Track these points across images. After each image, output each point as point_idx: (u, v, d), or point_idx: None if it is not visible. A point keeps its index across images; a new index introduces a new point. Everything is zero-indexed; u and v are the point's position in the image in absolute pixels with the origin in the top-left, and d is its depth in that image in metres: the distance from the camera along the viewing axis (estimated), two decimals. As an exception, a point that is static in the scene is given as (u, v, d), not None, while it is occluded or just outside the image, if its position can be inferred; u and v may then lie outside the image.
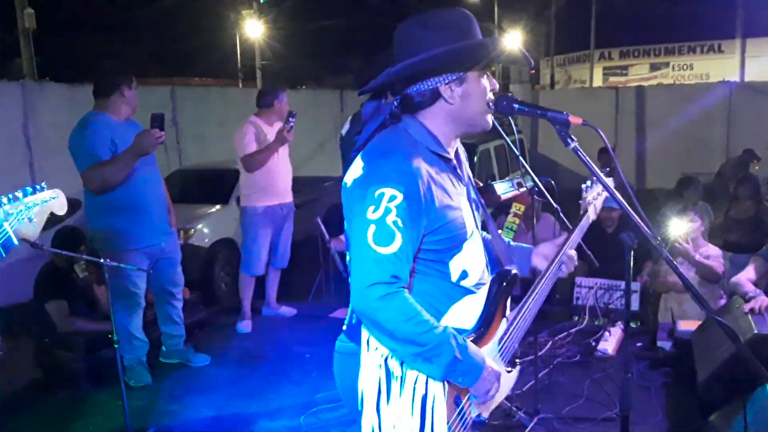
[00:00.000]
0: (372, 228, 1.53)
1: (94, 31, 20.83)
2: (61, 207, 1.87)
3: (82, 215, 3.96)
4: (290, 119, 4.78)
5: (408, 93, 1.66)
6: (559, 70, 26.69)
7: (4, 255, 1.70)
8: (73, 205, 3.24)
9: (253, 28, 17.81)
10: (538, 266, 1.92)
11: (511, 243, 2.01)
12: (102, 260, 3.27)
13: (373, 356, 1.66)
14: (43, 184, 1.85)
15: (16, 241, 1.74)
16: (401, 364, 1.63)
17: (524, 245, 2.00)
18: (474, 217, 1.77)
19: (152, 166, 3.98)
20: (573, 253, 1.95)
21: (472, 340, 1.65)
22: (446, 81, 1.63)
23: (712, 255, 4.61)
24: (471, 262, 1.72)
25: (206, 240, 6.42)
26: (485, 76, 1.68)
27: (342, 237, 4.97)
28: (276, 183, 4.97)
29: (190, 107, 10.28)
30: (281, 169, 4.99)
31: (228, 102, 10.95)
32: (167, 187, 4.26)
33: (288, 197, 5.12)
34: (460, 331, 1.64)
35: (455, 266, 1.69)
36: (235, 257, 6.27)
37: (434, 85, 1.64)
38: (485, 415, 1.74)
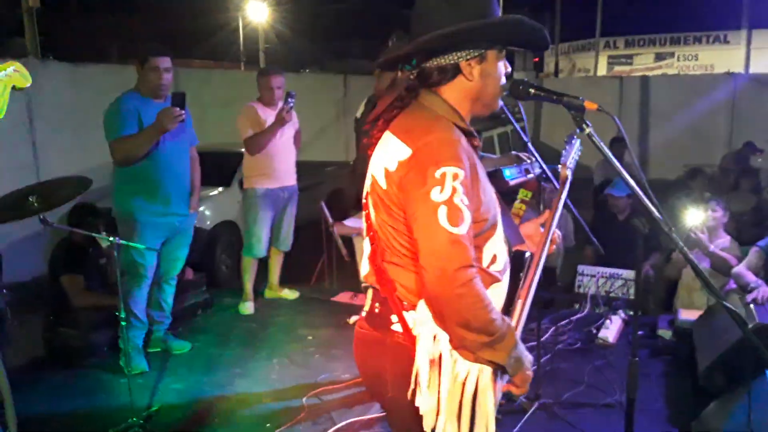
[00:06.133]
0: (443, 209, 1.46)
1: (98, 11, 20.69)
2: (23, 79, 1.78)
3: (92, 192, 3.95)
4: (289, 99, 4.74)
5: (427, 66, 1.63)
6: (564, 58, 26.50)
7: None
8: (82, 183, 3.24)
9: (257, 11, 17.69)
10: (524, 248, 1.91)
11: None
12: (112, 238, 3.29)
13: (423, 344, 1.59)
14: None
15: None
16: (450, 354, 1.58)
17: None
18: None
19: (179, 146, 3.99)
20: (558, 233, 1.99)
21: None
22: (467, 57, 1.60)
23: (728, 247, 4.60)
24: (499, 245, 1.70)
25: (208, 222, 6.41)
26: (503, 59, 1.67)
27: (345, 222, 5.02)
28: (277, 166, 4.97)
29: (193, 89, 10.18)
30: (283, 152, 4.99)
31: (230, 85, 10.88)
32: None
33: (290, 180, 5.12)
34: None
35: (488, 250, 1.65)
36: (236, 240, 6.27)
37: (456, 60, 1.60)
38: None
